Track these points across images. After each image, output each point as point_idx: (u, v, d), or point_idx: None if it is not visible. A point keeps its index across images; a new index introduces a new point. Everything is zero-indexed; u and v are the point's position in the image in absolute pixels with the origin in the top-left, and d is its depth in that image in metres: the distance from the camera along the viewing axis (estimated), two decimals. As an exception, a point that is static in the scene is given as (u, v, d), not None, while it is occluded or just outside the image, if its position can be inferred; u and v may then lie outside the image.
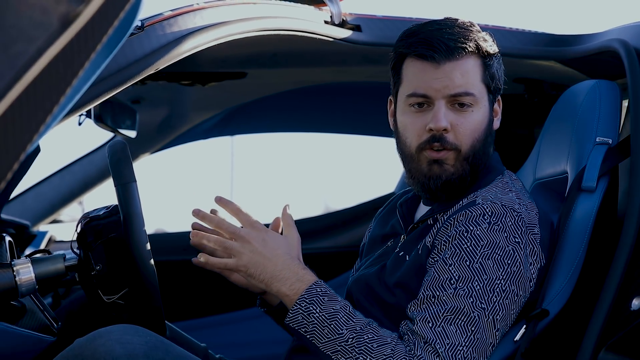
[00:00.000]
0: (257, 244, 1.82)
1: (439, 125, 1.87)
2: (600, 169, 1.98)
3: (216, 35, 2.07)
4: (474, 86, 1.89)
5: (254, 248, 1.82)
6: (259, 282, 1.84)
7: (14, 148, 1.03)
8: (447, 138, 1.88)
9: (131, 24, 1.14)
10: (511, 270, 1.80)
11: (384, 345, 1.75)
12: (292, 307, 1.80)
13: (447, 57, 1.87)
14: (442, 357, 1.73)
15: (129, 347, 1.71)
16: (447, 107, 1.89)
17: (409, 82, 1.92)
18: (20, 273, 1.86)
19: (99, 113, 2.91)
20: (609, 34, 2.32)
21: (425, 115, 1.90)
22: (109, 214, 1.98)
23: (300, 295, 1.80)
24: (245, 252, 1.83)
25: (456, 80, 1.88)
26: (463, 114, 1.89)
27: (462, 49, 1.88)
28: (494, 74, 1.93)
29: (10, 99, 0.99)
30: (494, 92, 1.95)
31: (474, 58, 1.90)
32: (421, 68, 1.90)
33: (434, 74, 1.88)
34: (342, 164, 18.67)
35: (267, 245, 1.83)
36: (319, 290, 1.81)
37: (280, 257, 1.83)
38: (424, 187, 1.92)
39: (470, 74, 1.89)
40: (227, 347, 3.19)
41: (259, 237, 1.83)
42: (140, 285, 1.90)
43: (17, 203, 3.43)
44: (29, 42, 0.98)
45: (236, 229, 1.84)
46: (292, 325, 1.80)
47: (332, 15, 2.39)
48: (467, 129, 1.89)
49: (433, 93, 1.88)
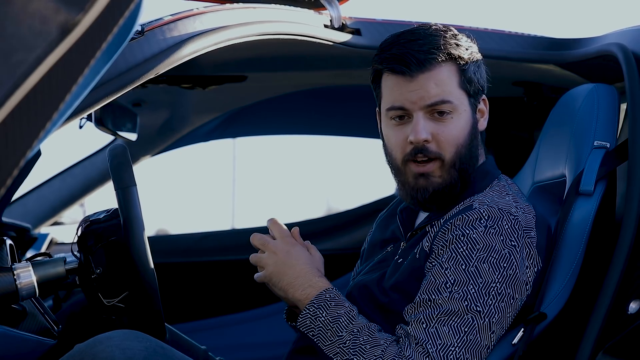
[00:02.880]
0: (282, 255, 1.92)
1: (418, 138, 1.88)
2: (598, 173, 1.99)
3: (216, 40, 2.07)
4: (451, 93, 1.90)
5: (278, 259, 1.92)
6: (279, 289, 1.92)
7: (14, 154, 1.03)
8: (430, 148, 1.89)
9: (130, 31, 1.14)
10: (507, 274, 1.81)
11: (375, 347, 1.80)
12: (303, 311, 1.88)
13: (419, 70, 1.88)
14: (432, 357, 1.75)
15: (129, 353, 1.72)
16: (425, 117, 1.90)
17: (387, 96, 1.94)
18: (21, 277, 1.87)
19: (99, 116, 2.91)
20: (607, 38, 2.32)
21: (406, 128, 1.91)
22: (109, 218, 1.99)
23: (310, 300, 1.87)
24: (270, 262, 1.92)
25: (431, 90, 1.88)
26: (443, 123, 1.90)
27: (432, 59, 1.88)
28: (470, 77, 1.93)
29: (10, 106, 0.99)
30: (474, 95, 1.95)
31: (447, 65, 1.90)
32: (396, 82, 1.91)
33: (409, 87, 1.89)
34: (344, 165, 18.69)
35: (291, 256, 1.93)
36: (328, 296, 1.88)
37: (299, 266, 1.91)
38: (414, 199, 1.94)
39: (445, 82, 1.90)
40: (227, 349, 3.20)
41: (284, 249, 1.93)
42: (140, 288, 1.91)
43: (18, 206, 3.43)
44: (28, 51, 0.99)
45: (265, 240, 1.95)
46: (302, 328, 1.87)
47: (331, 19, 2.39)
48: (449, 136, 1.90)
49: (410, 105, 1.90)
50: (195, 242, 3.70)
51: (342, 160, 17.03)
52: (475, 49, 1.96)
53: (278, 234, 1.96)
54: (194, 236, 3.85)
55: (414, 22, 2.38)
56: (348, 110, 3.41)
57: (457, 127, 1.91)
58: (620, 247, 1.90)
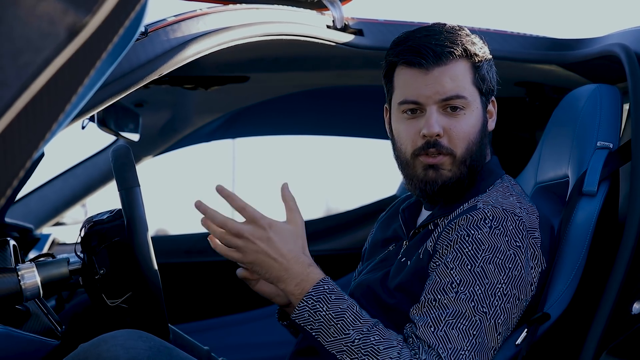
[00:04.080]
0: (261, 244, 1.77)
1: (432, 131, 1.88)
2: (601, 174, 1.99)
3: (219, 41, 2.08)
4: (465, 89, 1.91)
5: (257, 248, 1.77)
6: (265, 279, 1.83)
7: (20, 155, 1.04)
8: (442, 143, 1.90)
9: (136, 32, 1.15)
10: (512, 274, 1.81)
11: (390, 348, 1.74)
12: (299, 304, 1.78)
13: (435, 63, 1.89)
14: None
15: (133, 352, 1.72)
16: (439, 112, 1.90)
17: (400, 89, 1.94)
18: (25, 277, 1.87)
19: (102, 117, 2.91)
20: (609, 38, 2.33)
21: (418, 122, 1.91)
22: (112, 218, 1.99)
23: (307, 292, 1.78)
24: (249, 251, 1.78)
25: (446, 84, 1.89)
26: (456, 118, 1.90)
27: (449, 54, 1.89)
28: (484, 75, 1.94)
29: (18, 108, 1.00)
30: (486, 94, 1.96)
31: (462, 61, 1.91)
32: (411, 75, 1.91)
33: (424, 80, 1.90)
34: (344, 165, 18.68)
35: (272, 244, 1.77)
36: (326, 287, 1.79)
37: (285, 256, 1.78)
38: (422, 192, 1.94)
39: (460, 78, 1.90)
40: (230, 350, 3.21)
41: (263, 236, 1.77)
42: (143, 289, 1.91)
43: (20, 206, 3.43)
44: (36, 52, 0.99)
45: (240, 229, 1.77)
46: (299, 322, 1.78)
47: (334, 20, 2.40)
48: (461, 132, 1.90)
49: (424, 99, 1.90)
50: (197, 242, 3.70)
51: (342, 160, 17.02)
52: (487, 49, 1.97)
53: (249, 219, 1.78)
54: (196, 236, 3.85)
55: (417, 23, 2.39)
56: (350, 110, 3.42)
57: (469, 124, 1.91)
58: (624, 247, 1.91)
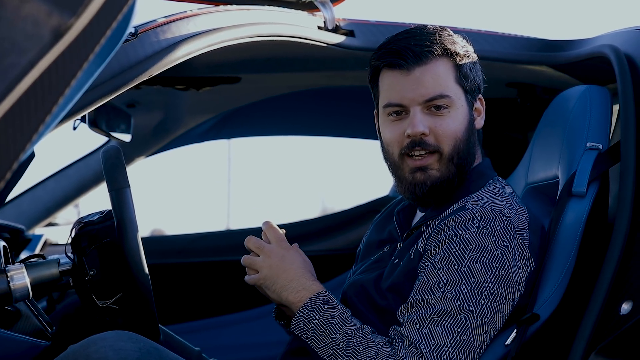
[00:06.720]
0: (276, 259, 1.93)
1: (415, 130, 1.90)
2: (591, 174, 1.99)
3: (210, 42, 2.08)
4: (448, 88, 1.92)
5: (272, 262, 1.93)
6: (271, 292, 1.92)
7: (7, 157, 1.04)
8: (428, 141, 1.91)
9: (123, 34, 1.15)
10: (499, 274, 1.82)
11: (368, 348, 1.80)
12: (296, 314, 1.88)
13: (415, 63, 1.90)
14: (425, 357, 1.75)
15: (123, 354, 1.72)
16: (423, 112, 1.91)
17: (384, 93, 1.96)
18: (14, 279, 1.87)
19: (93, 118, 2.91)
20: (600, 39, 2.33)
21: (403, 123, 1.93)
22: (103, 219, 1.99)
23: (303, 303, 1.88)
24: (265, 266, 1.92)
25: (428, 84, 1.90)
26: (440, 117, 1.92)
27: (429, 53, 1.91)
28: (467, 73, 1.95)
29: (2, 110, 1.00)
30: (471, 92, 1.97)
31: (443, 60, 1.92)
32: (393, 77, 1.93)
33: (406, 82, 1.91)
34: (338, 165, 18.72)
35: (285, 260, 1.93)
36: (321, 299, 1.88)
37: (293, 270, 1.92)
38: (412, 194, 1.95)
39: (441, 77, 1.91)
40: (221, 350, 3.21)
41: (279, 253, 1.94)
42: (134, 290, 1.91)
43: (12, 207, 3.43)
44: (21, 54, 0.99)
45: (261, 244, 1.95)
46: (295, 331, 1.87)
47: (325, 21, 2.40)
48: (447, 130, 1.91)
49: (407, 102, 1.92)
50: (190, 242, 3.70)
51: (336, 161, 17.04)
52: (470, 49, 1.98)
53: (274, 238, 1.96)
54: (189, 237, 3.85)
55: (408, 24, 2.39)
56: (342, 111, 3.42)
57: (455, 121, 1.92)
58: (613, 248, 1.91)
